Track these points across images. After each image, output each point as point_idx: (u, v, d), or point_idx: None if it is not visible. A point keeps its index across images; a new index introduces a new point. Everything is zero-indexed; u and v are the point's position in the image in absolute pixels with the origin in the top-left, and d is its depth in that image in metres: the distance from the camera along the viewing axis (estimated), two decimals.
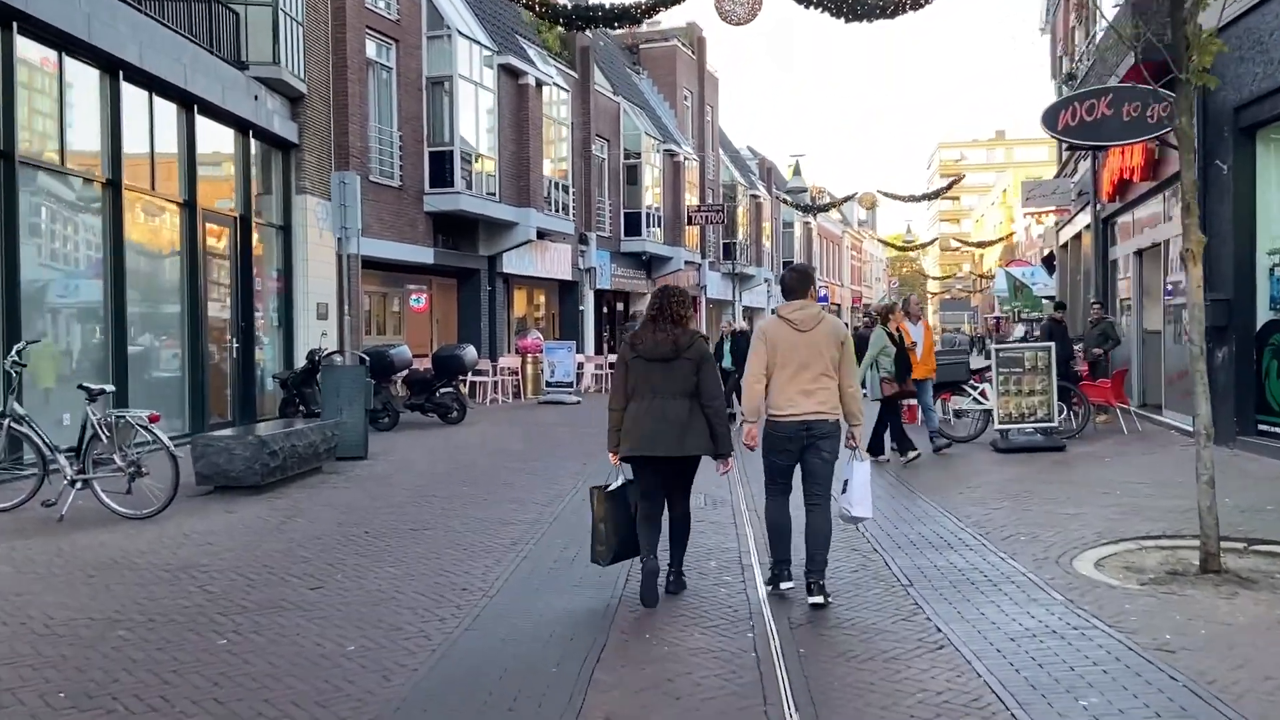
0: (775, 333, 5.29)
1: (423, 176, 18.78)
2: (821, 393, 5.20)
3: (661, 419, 5.20)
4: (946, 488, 9.12)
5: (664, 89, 33.44)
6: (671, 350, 5.27)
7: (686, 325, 5.38)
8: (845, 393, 5.28)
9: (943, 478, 9.76)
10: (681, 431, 5.20)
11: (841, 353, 5.26)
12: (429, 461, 11.05)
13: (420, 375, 15.38)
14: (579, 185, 25.31)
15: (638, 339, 5.41)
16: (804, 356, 5.20)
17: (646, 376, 5.28)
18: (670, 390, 5.24)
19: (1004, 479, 9.47)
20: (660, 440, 5.20)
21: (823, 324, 5.27)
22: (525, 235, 20.95)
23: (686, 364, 5.26)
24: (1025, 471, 9.87)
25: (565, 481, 9.75)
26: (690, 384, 5.26)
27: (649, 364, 5.28)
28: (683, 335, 5.32)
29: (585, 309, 26.03)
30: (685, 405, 5.23)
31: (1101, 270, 17.71)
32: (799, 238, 48.54)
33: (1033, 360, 11.46)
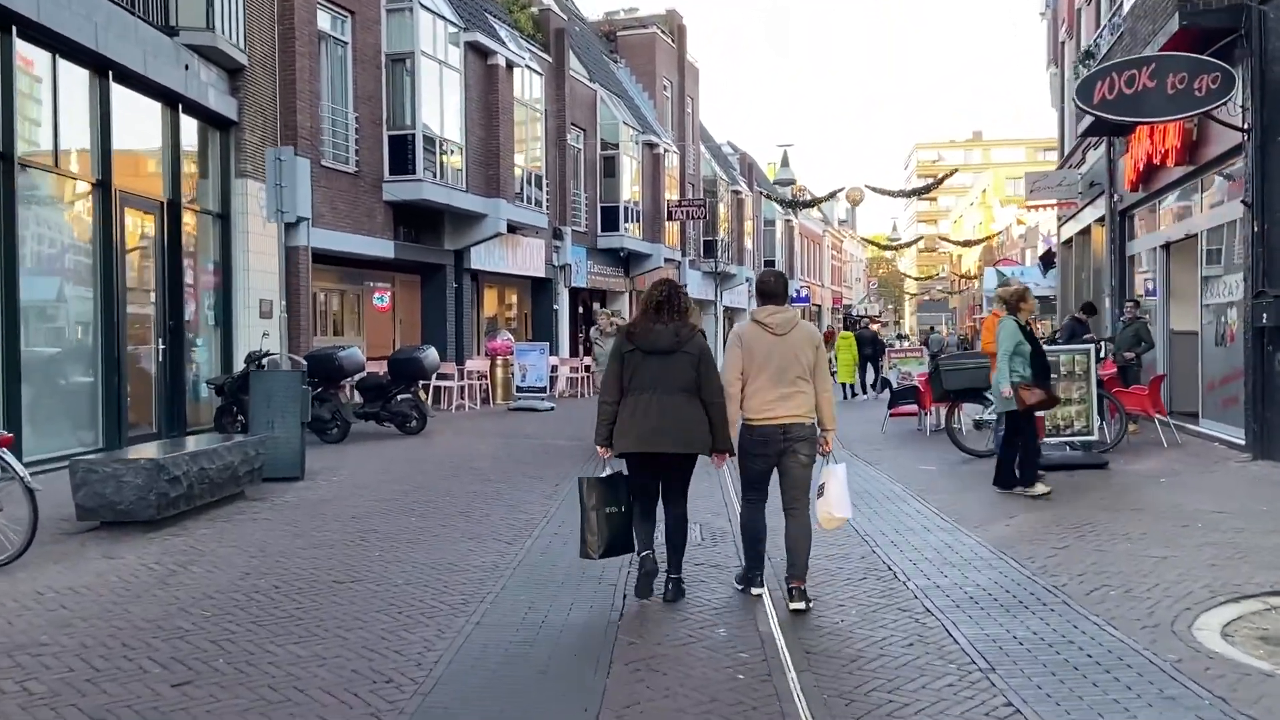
0: (751, 337, 5.27)
1: (382, 162, 17.17)
2: (798, 396, 5.19)
3: (664, 414, 5.04)
4: (986, 517, 7.70)
5: (643, 78, 31.97)
6: (673, 343, 5.11)
7: (688, 318, 5.21)
8: (820, 397, 5.27)
9: (975, 503, 8.34)
10: (684, 428, 5.07)
11: (816, 357, 5.26)
12: (376, 482, 9.49)
13: (375, 380, 13.79)
14: (553, 176, 23.77)
15: (635, 330, 5.23)
16: (780, 361, 5.19)
17: (645, 370, 5.11)
18: (671, 385, 5.09)
19: (1053, 506, 8.05)
20: (662, 437, 5.05)
21: (798, 328, 5.26)
22: (494, 228, 19.39)
23: (686, 358, 5.11)
24: (1074, 496, 8.46)
25: (533, 508, 8.23)
26: (690, 379, 5.11)
27: (647, 356, 5.12)
28: (684, 328, 5.16)
29: (560, 308, 24.49)
30: (685, 401, 5.09)
31: (1118, 267, 16.42)
32: (780, 236, 47.23)
33: (1069, 364, 10.07)
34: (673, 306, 5.20)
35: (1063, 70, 22.91)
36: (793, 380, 5.20)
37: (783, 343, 5.23)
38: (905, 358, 17.50)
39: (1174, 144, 12.26)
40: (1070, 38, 20.78)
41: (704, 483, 8.91)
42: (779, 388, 5.19)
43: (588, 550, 5.24)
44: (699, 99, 35.94)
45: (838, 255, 67.43)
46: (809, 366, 5.24)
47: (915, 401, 14.42)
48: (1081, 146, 19.49)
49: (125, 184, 11.38)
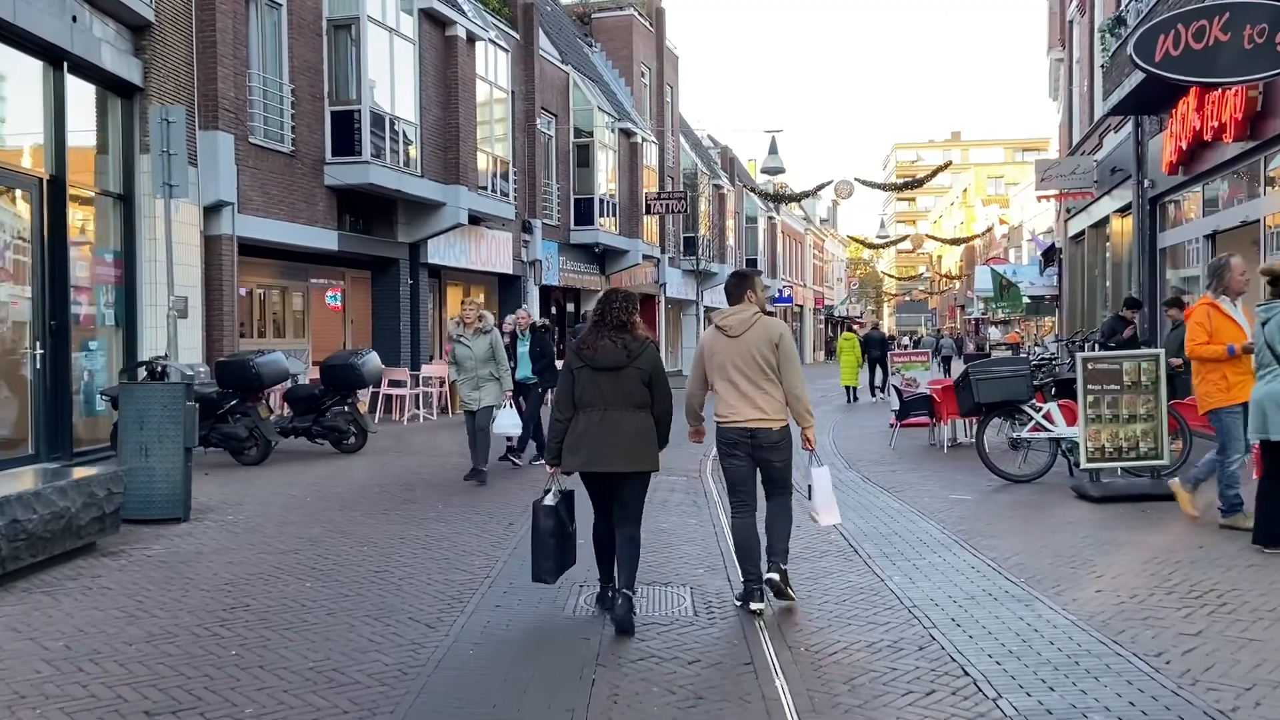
0: (709, 342, 5.29)
1: (323, 142, 15.21)
2: (761, 397, 5.13)
3: (614, 432, 4.92)
4: (1063, 575, 5.89)
5: (619, 64, 30.11)
6: (622, 358, 4.96)
7: (634, 331, 5.06)
8: (789, 395, 5.17)
9: (1039, 552, 6.53)
10: (632, 446, 4.94)
11: (778, 355, 5.15)
12: (280, 524, 7.56)
13: (306, 391, 11.86)
14: (522, 164, 21.87)
15: (584, 346, 5.05)
16: (736, 363, 5.14)
17: (594, 386, 4.97)
18: (621, 401, 4.96)
19: (1143, 557, 6.26)
20: (609, 455, 4.92)
21: (754, 328, 5.17)
22: (454, 219, 17.46)
23: (636, 373, 4.98)
24: (1164, 544, 6.67)
25: (474, 563, 6.35)
26: (641, 395, 5.00)
27: (596, 373, 4.98)
28: (632, 342, 5.01)
29: (529, 307, 22.53)
30: (639, 418, 4.98)
31: (1146, 261, 14.74)
32: (763, 234, 45.50)
33: (1134, 374, 8.29)
34: (619, 320, 5.02)
35: (1070, 52, 21.29)
36: (752, 381, 5.12)
37: (739, 344, 5.14)
38: (910, 362, 15.75)
39: (1233, 115, 10.56)
40: (1083, 14, 19.11)
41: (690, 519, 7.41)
42: (738, 389, 5.13)
43: (543, 575, 5.16)
44: (679, 88, 34.14)
45: (819, 255, 65.86)
46: (770, 365, 5.12)
47: (928, 412, 12.66)
48: (1099, 131, 17.83)
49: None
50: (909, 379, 15.36)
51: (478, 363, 9.39)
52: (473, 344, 9.44)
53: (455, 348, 9.62)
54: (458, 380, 9.64)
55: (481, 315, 9.58)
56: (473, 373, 9.42)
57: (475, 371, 9.41)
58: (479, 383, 9.41)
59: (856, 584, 5.87)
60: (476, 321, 9.51)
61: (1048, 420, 9.38)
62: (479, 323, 9.51)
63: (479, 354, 9.40)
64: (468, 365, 9.46)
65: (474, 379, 9.42)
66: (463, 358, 9.51)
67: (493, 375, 9.46)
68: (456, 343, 9.59)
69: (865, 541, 6.99)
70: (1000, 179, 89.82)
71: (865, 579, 5.99)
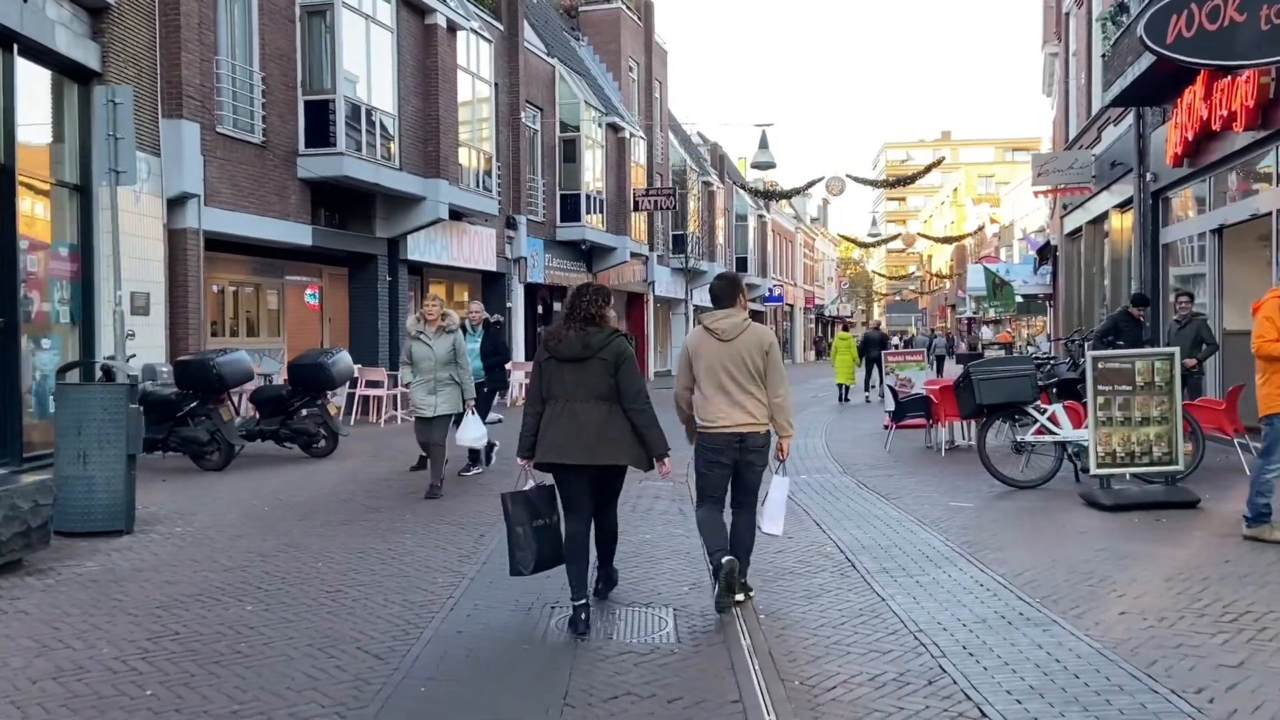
0: (698, 343, 5.20)
1: (296, 133, 14.63)
2: (750, 402, 5.10)
3: (573, 424, 4.87)
4: (1082, 594, 5.38)
5: (606, 58, 29.58)
6: (582, 349, 4.90)
7: (603, 323, 4.98)
8: (773, 402, 5.15)
9: (1050, 566, 6.02)
10: (595, 438, 4.86)
11: (766, 362, 5.14)
12: (231, 537, 7.01)
13: (273, 392, 11.29)
14: (506, 159, 21.31)
15: (550, 337, 5.03)
16: (727, 367, 5.10)
17: (559, 378, 4.94)
18: (583, 393, 4.90)
19: (1166, 572, 5.75)
20: (572, 448, 4.86)
21: (746, 333, 5.13)
22: (434, 213, 16.90)
23: (600, 364, 4.90)
24: (1187, 556, 6.17)
25: (438, 582, 5.81)
26: (606, 386, 4.91)
27: (561, 365, 4.93)
28: (595, 333, 4.93)
29: (514, 306, 22.02)
30: (601, 409, 4.89)
31: (1149, 256, 14.28)
32: (753, 232, 45.03)
33: (1147, 373, 7.79)
34: (589, 313, 4.97)
35: (1067, 45, 20.86)
36: (742, 386, 5.09)
37: (730, 348, 5.11)
38: (905, 362, 15.26)
39: (1244, 103, 10.08)
40: (1080, 5, 18.67)
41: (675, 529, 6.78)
42: (728, 394, 5.09)
43: (518, 567, 5.08)
44: (668, 84, 33.62)
45: (810, 254, 65.46)
46: (759, 371, 5.12)
47: (925, 414, 12.16)
48: (1097, 124, 17.38)
49: None
50: (903, 379, 14.87)
51: (437, 364, 8.60)
52: (434, 343, 8.64)
53: (413, 346, 8.74)
54: (412, 383, 8.76)
55: (445, 313, 8.82)
56: (430, 375, 8.62)
57: (434, 374, 8.61)
58: (437, 386, 8.61)
59: (855, 605, 5.35)
60: (439, 319, 8.72)
61: (1053, 423, 8.88)
62: (442, 320, 8.73)
63: (440, 355, 8.62)
64: (425, 366, 8.63)
65: (431, 382, 8.62)
66: (421, 358, 8.67)
67: (453, 379, 8.68)
68: (415, 340, 8.71)
69: (863, 555, 6.48)
70: (991, 178, 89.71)
71: (864, 598, 5.48)
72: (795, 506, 8.20)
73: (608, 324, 5.00)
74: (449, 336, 8.73)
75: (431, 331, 8.69)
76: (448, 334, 8.73)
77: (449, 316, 8.84)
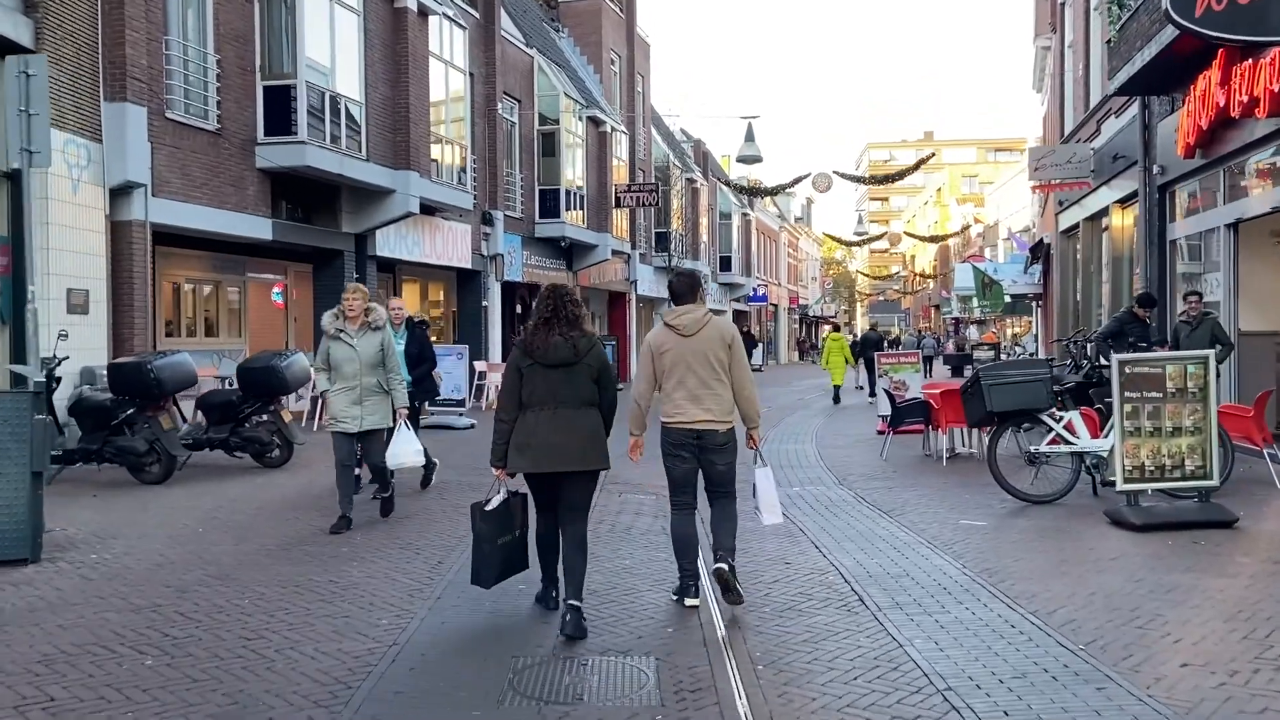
0: (659, 340, 5.20)
1: (254, 120, 13.73)
2: (710, 398, 5.10)
3: (565, 431, 4.83)
4: (1133, 637, 4.63)
5: (587, 49, 28.74)
6: (571, 355, 4.87)
7: (582, 327, 4.96)
8: (739, 395, 5.18)
9: (1088, 599, 5.27)
10: (586, 444, 4.87)
11: (730, 355, 5.15)
12: (153, 565, 6.16)
13: (222, 397, 10.40)
14: (481, 152, 20.45)
15: (530, 344, 4.93)
16: (689, 361, 5.11)
17: (544, 384, 4.86)
18: (573, 399, 4.88)
19: (1222, 610, 5.00)
20: (563, 455, 4.83)
21: (707, 328, 5.14)
22: (404, 207, 16.02)
23: (586, 370, 4.92)
24: (1240, 588, 5.42)
25: (381, 621, 4.99)
26: (590, 392, 4.94)
27: (548, 370, 4.86)
28: (581, 339, 4.92)
29: (490, 305, 21.17)
30: (590, 416, 4.93)
31: (1155, 254, 13.59)
32: (737, 230, 44.31)
33: (1179, 379, 7.07)
34: (565, 317, 4.94)
35: (1062, 36, 20.22)
36: (704, 382, 5.10)
37: (691, 343, 5.12)
38: (899, 365, 14.51)
39: (1268, 88, 9.36)
40: None
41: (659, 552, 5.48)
42: (689, 389, 5.10)
43: (481, 580, 5.05)
44: (650, 78, 32.82)
45: (794, 253, 64.86)
46: (723, 365, 5.12)
47: (924, 420, 11.43)
48: (1096, 116, 16.71)
49: None
50: (898, 382, 14.12)
51: (363, 368, 7.17)
52: (359, 343, 7.20)
53: (332, 348, 7.21)
54: (330, 392, 7.25)
55: (371, 307, 7.36)
56: (354, 381, 7.16)
57: (359, 380, 7.17)
58: (363, 395, 7.17)
59: (868, 651, 4.58)
60: (363, 314, 7.27)
61: (1069, 431, 8.15)
62: (367, 316, 7.27)
63: (366, 357, 7.19)
64: (348, 371, 7.16)
65: (356, 390, 7.16)
66: (342, 361, 7.17)
67: (381, 387, 7.26)
68: (335, 340, 7.20)
69: (870, 585, 5.71)
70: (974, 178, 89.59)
71: (878, 642, 4.70)
72: (791, 526, 7.44)
73: (585, 327, 5.00)
74: (376, 335, 7.28)
75: (354, 329, 7.24)
76: (374, 332, 7.28)
77: (375, 311, 7.35)
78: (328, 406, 7.42)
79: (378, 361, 7.23)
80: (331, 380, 7.21)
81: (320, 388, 7.55)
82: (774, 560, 6.40)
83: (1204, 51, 10.49)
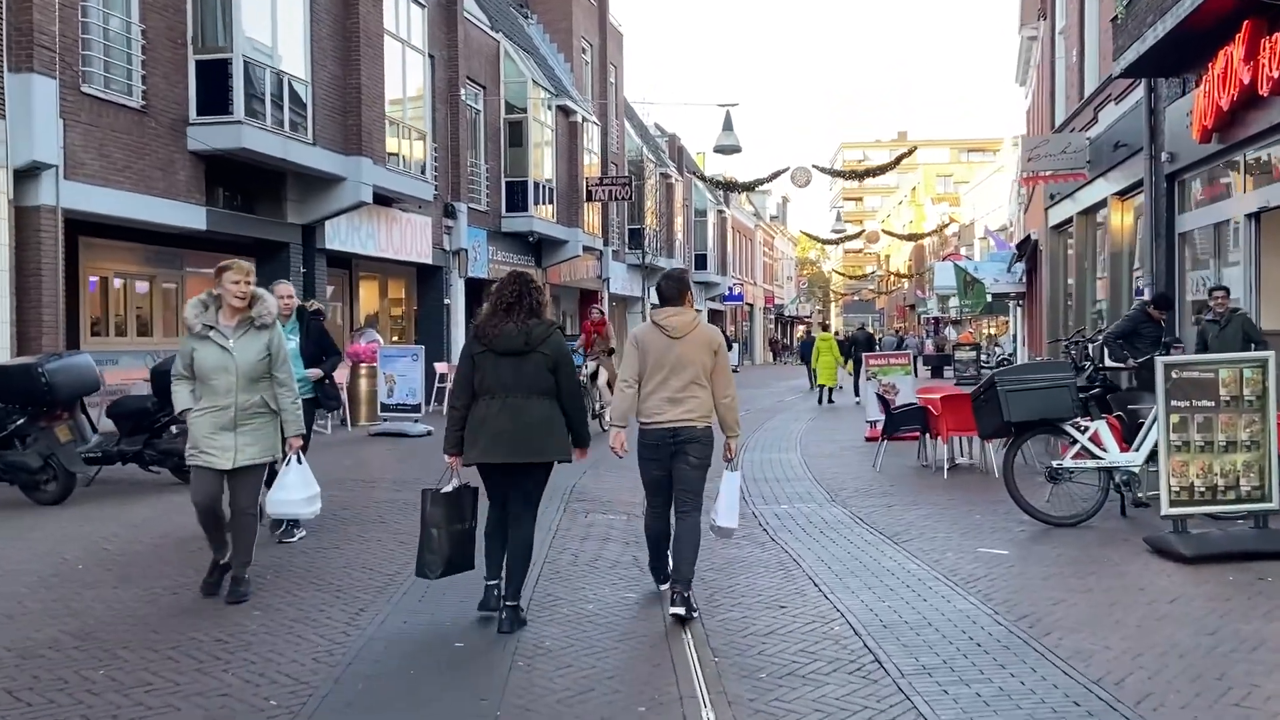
0: (646, 338, 5.16)
1: (185, 97, 12.50)
2: (690, 401, 5.07)
3: (516, 420, 4.69)
4: (1202, 709, 3.61)
5: (557, 38, 27.61)
6: (523, 343, 4.73)
7: (541, 317, 4.82)
8: (720, 403, 5.16)
9: (1163, 662, 4.25)
10: (538, 435, 4.73)
11: (715, 361, 5.13)
12: (1, 617, 4.99)
13: (135, 404, 9.17)
14: (443, 140, 19.28)
15: (484, 330, 4.79)
16: (674, 363, 5.06)
17: (496, 372, 4.74)
18: (524, 388, 4.73)
19: None
20: (514, 444, 4.69)
21: (695, 331, 5.11)
22: (355, 196, 14.84)
23: (541, 359, 4.75)
24: None
25: (270, 702, 3.86)
26: (546, 381, 4.77)
27: (499, 358, 4.74)
28: (536, 326, 4.77)
29: (453, 302, 20.00)
30: (543, 405, 4.77)
31: (1162, 247, 12.69)
32: (713, 228, 43.34)
33: (1234, 385, 6.08)
34: (524, 305, 4.77)
35: (1053, 22, 19.36)
36: (686, 384, 5.06)
37: (679, 345, 5.07)
38: (889, 366, 13.51)
39: None
40: None
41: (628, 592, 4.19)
42: (671, 391, 5.05)
43: (425, 570, 4.87)
44: (623, 69, 31.74)
45: (769, 252, 64.04)
46: (705, 370, 5.10)
47: (921, 427, 10.43)
48: (1093, 104, 15.82)
49: None
50: (887, 385, 13.13)
51: (240, 381, 5.16)
52: (237, 346, 5.17)
53: (196, 351, 5.17)
54: (193, 413, 5.18)
55: (257, 294, 5.32)
56: (227, 399, 5.14)
57: (234, 397, 5.15)
58: (241, 418, 5.17)
59: None
60: (244, 306, 5.24)
61: (1095, 443, 7.16)
62: (250, 308, 5.26)
63: (246, 366, 5.18)
64: (220, 385, 5.14)
65: (230, 410, 5.15)
66: (211, 370, 5.14)
67: (267, 406, 5.27)
68: (200, 341, 5.18)
69: (887, 640, 4.66)
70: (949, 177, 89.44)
71: None
72: (783, 555, 6.40)
73: (546, 317, 4.85)
74: (261, 335, 5.27)
75: (232, 326, 5.23)
76: (259, 331, 5.26)
77: (262, 303, 5.31)
78: (189, 431, 5.24)
79: (262, 372, 5.23)
80: (196, 395, 5.21)
81: (179, 405, 5.28)
82: (767, 602, 5.35)
83: (1225, 25, 9.58)
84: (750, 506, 8.24)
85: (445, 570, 4.84)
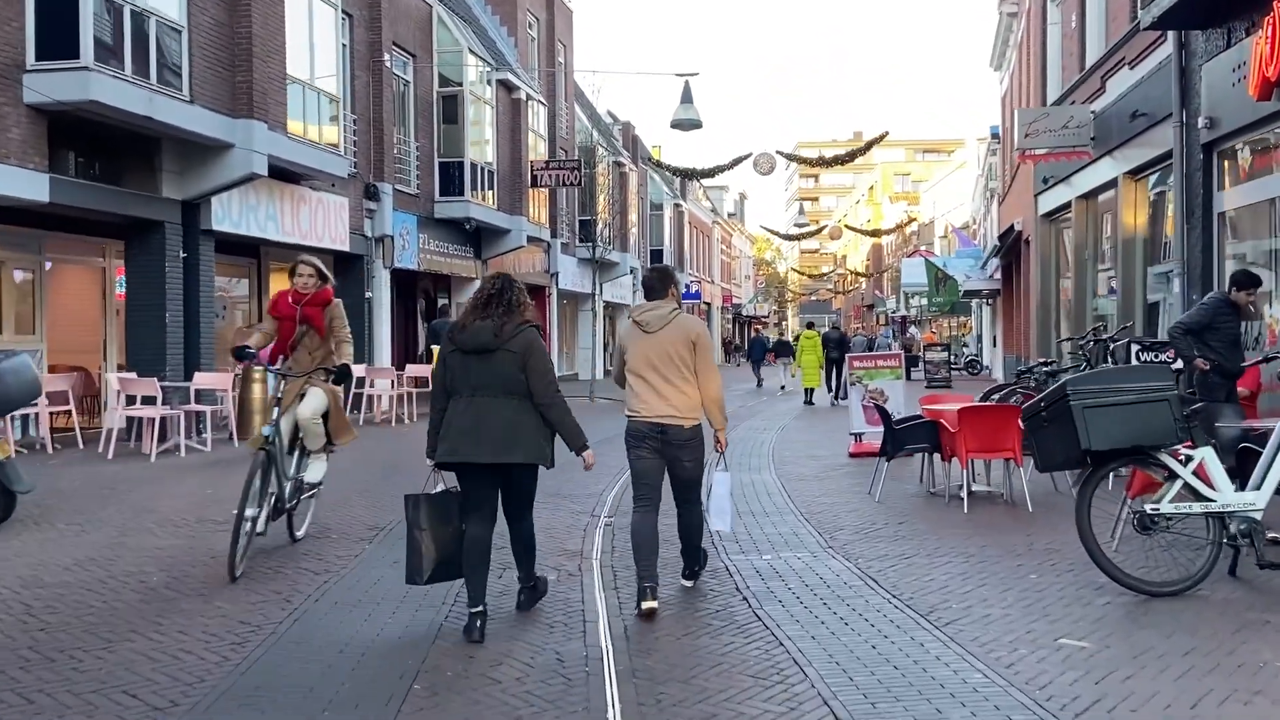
0: (626, 335, 5.25)
1: (21, 39, 10.10)
2: (674, 395, 5.05)
3: (481, 420, 4.60)
4: None
5: (501, 10, 25.35)
6: (491, 339, 4.63)
7: (522, 313, 4.72)
8: (704, 395, 5.13)
9: None
10: (504, 435, 4.59)
11: (695, 354, 5.10)
12: None
13: None
14: (364, 111, 16.98)
15: (454, 329, 4.79)
16: (651, 359, 5.08)
17: (464, 371, 4.67)
18: (492, 387, 4.63)
19: None
20: (478, 444, 4.58)
21: (671, 325, 5.11)
22: (247, 167, 12.49)
23: (509, 356, 4.63)
24: None
25: None
26: (516, 380, 4.65)
27: (465, 356, 4.67)
28: (507, 323, 4.67)
29: (376, 296, 17.66)
30: (511, 405, 4.64)
31: (1198, 230, 10.81)
32: (669, 223, 41.33)
33: None
34: (502, 300, 4.68)
35: None
36: (666, 378, 5.04)
37: (655, 339, 5.09)
38: (876, 369, 11.48)
39: None
40: None
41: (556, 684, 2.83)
42: (652, 385, 5.05)
43: (413, 575, 4.78)
44: (573, 49, 29.55)
45: (727, 250, 62.26)
46: (686, 363, 5.07)
47: (930, 445, 8.41)
48: (1100, 72, 14.00)
49: None
50: (874, 390, 11.13)
51: None
52: None
53: None
54: None
55: None
56: None
57: None
58: None
59: None
60: None
61: (1201, 478, 5.17)
62: None
63: None
64: None
65: None
66: None
67: None
68: None
69: None
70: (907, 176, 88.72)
71: None
72: (781, 656, 4.27)
73: (523, 315, 4.70)
74: None
75: None
76: None
77: None
78: None
79: None
80: None
81: None
82: None
83: None
84: (722, 558, 6.16)
85: (432, 576, 4.74)
